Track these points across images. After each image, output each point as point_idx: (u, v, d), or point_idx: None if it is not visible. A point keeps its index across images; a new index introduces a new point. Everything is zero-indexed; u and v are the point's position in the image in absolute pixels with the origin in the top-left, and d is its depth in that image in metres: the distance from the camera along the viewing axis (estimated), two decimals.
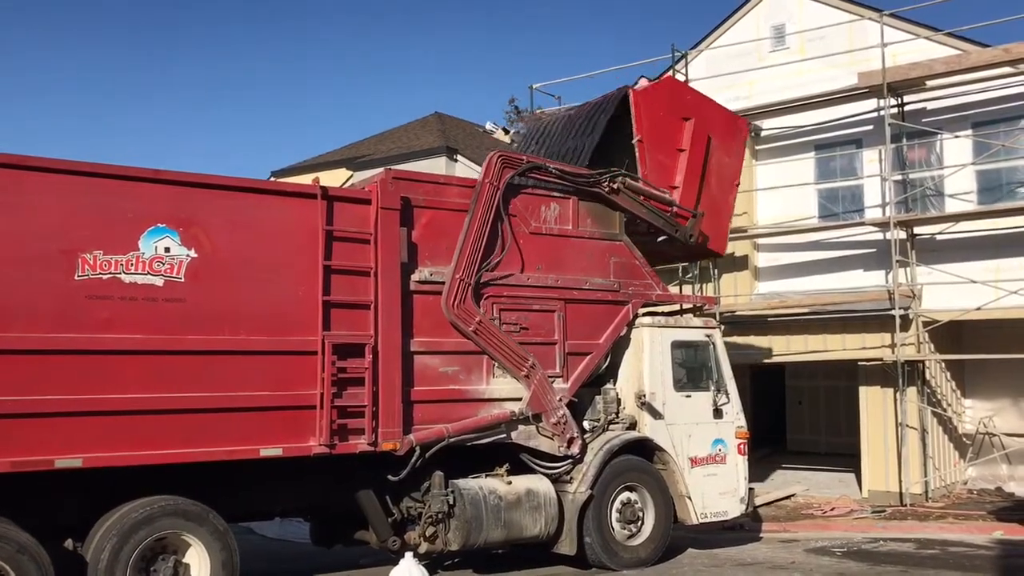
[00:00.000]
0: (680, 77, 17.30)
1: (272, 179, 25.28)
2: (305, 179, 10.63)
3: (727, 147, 12.63)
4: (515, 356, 9.87)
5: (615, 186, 10.82)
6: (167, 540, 7.86)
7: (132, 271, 7.85)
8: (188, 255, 8.14)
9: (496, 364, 9.83)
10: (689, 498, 10.87)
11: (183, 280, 8.08)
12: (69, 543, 7.80)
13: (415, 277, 9.40)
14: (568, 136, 12.17)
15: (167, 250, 8.04)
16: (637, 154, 11.42)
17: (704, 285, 17.26)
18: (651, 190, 11.28)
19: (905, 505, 14.58)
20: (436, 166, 22.09)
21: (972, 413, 16.67)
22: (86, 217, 7.72)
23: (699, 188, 11.94)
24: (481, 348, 9.71)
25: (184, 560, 7.94)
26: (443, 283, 9.49)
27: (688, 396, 11.13)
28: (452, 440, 9.39)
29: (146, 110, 59.19)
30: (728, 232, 13.07)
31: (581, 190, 10.71)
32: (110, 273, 7.75)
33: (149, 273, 7.93)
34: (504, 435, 9.85)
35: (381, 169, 9.87)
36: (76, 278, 7.61)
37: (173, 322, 7.99)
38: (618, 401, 10.90)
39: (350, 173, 24.15)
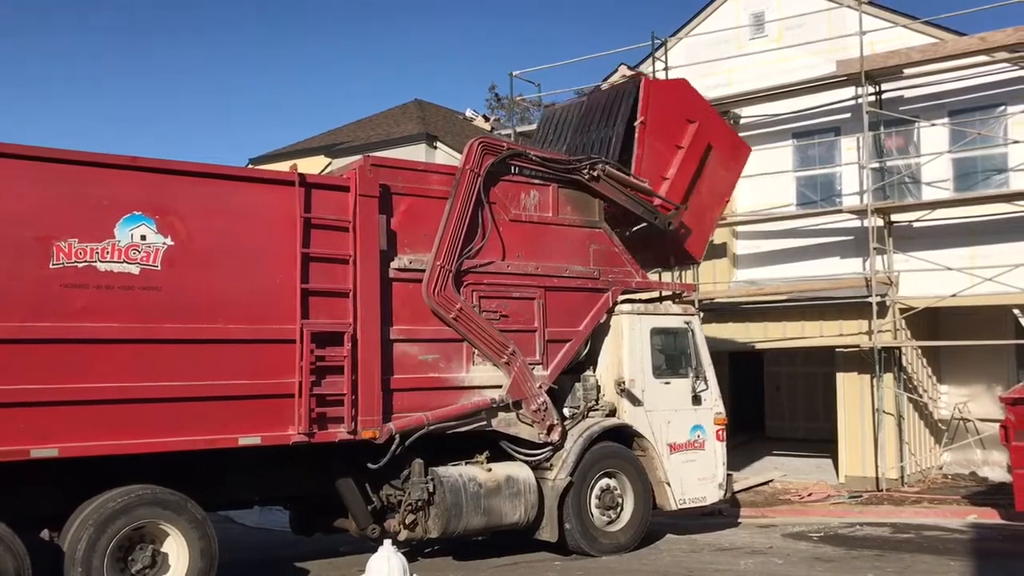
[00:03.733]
0: (659, 64, 17.31)
1: (250, 166, 25.10)
2: (283, 166, 10.54)
3: (726, 162, 12.66)
4: (495, 343, 9.87)
5: (595, 173, 10.82)
6: (145, 529, 7.81)
7: (108, 259, 7.76)
8: (164, 243, 8.06)
9: (476, 351, 9.82)
10: (668, 484, 10.93)
11: (159, 268, 8.00)
12: (45, 533, 7.76)
13: (394, 265, 9.36)
14: (591, 127, 12.21)
15: (143, 238, 7.95)
16: (636, 136, 11.46)
17: (683, 272, 17.27)
18: (631, 179, 11.27)
19: (881, 490, 14.72)
20: (416, 153, 22.00)
21: (947, 399, 16.83)
22: (61, 204, 7.62)
23: (689, 188, 11.97)
24: (461, 335, 9.70)
25: (162, 549, 7.89)
26: (422, 271, 9.46)
27: (667, 383, 11.18)
28: (432, 428, 9.38)
29: (123, 97, 58.59)
30: (707, 241, 13.04)
31: (562, 177, 10.71)
32: (85, 261, 7.67)
33: (125, 261, 7.85)
34: (484, 422, 9.86)
35: (360, 156, 9.81)
36: (51, 266, 7.52)
37: (150, 311, 7.91)
38: (598, 388, 10.94)
39: (328, 160, 24.00)
